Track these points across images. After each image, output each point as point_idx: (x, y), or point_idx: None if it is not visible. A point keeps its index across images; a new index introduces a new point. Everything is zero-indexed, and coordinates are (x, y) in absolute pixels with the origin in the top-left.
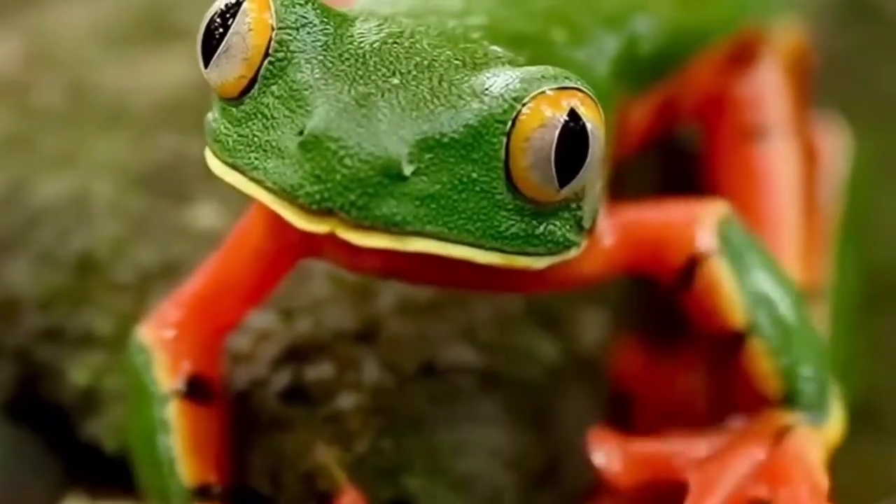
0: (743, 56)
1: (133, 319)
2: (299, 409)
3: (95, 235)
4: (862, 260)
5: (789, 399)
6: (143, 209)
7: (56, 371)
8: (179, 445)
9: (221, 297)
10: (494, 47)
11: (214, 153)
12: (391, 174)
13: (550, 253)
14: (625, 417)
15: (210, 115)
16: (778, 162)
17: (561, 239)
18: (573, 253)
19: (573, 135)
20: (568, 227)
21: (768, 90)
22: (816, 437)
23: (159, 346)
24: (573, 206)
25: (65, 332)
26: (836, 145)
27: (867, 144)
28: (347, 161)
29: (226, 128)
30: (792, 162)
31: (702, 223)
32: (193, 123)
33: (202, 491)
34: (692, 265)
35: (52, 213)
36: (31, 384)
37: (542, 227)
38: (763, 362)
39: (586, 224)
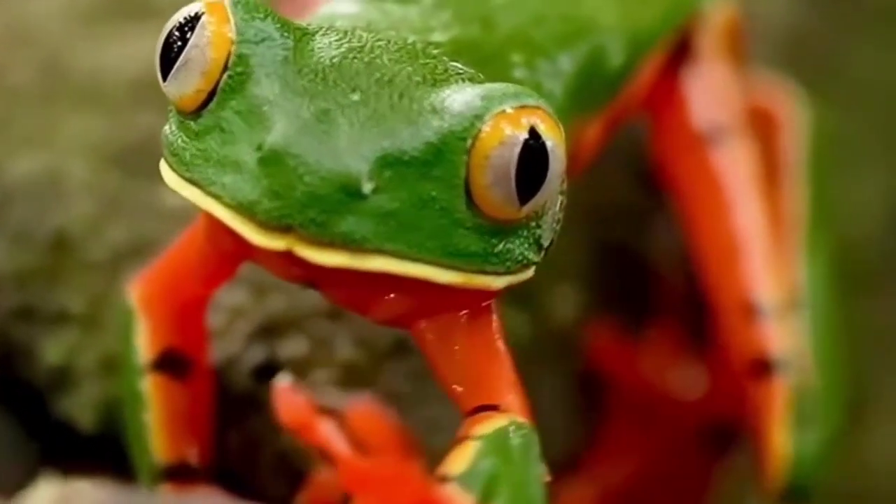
0: (683, 49)
1: (106, 298)
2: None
3: (68, 214)
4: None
5: None
6: (117, 188)
7: (29, 350)
8: (152, 420)
9: (184, 278)
10: (455, 63)
11: (171, 167)
12: (350, 191)
13: (509, 272)
14: (596, 401)
15: (167, 128)
16: (737, 168)
17: (520, 258)
18: (530, 273)
19: (534, 153)
20: (527, 245)
21: (715, 85)
22: None
23: (142, 311)
24: (532, 224)
25: (38, 311)
26: (793, 110)
27: (843, 125)
28: (306, 177)
29: (183, 141)
30: (750, 162)
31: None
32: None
33: (177, 469)
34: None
35: (25, 192)
36: (4, 363)
37: (501, 246)
38: None
39: (545, 242)
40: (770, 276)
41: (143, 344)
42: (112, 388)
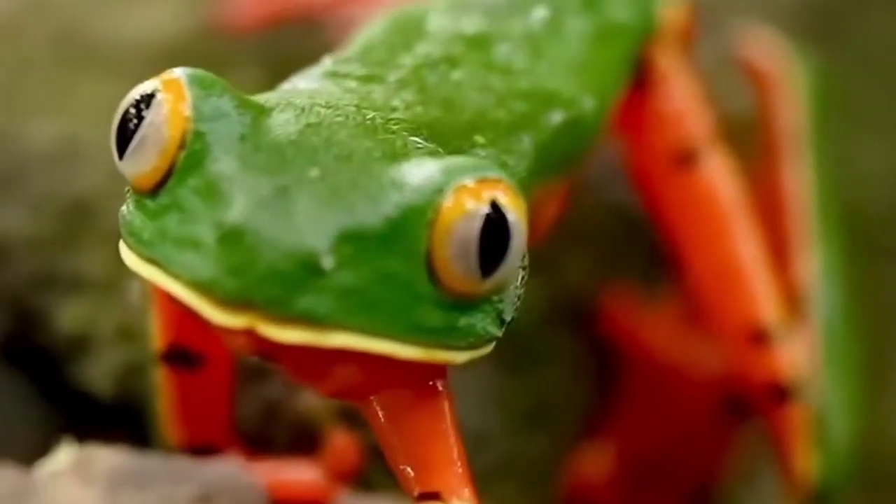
0: (641, 77)
1: (123, 265)
2: None
3: (86, 181)
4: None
5: None
6: None
7: (48, 317)
8: (165, 408)
9: None
10: (415, 138)
11: (129, 246)
12: (310, 267)
13: (471, 347)
14: (613, 367)
15: (124, 208)
16: (719, 186)
17: (482, 332)
18: (490, 347)
19: (495, 226)
20: (489, 319)
21: (681, 104)
22: None
23: (154, 301)
24: (494, 298)
25: (55, 278)
26: (791, 70)
27: (854, 89)
28: (266, 254)
29: (141, 221)
30: (730, 175)
31: None
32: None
33: (192, 451)
34: None
35: (43, 160)
36: (23, 330)
37: (463, 320)
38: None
39: (507, 317)
40: (771, 294)
41: (155, 334)
42: (129, 356)
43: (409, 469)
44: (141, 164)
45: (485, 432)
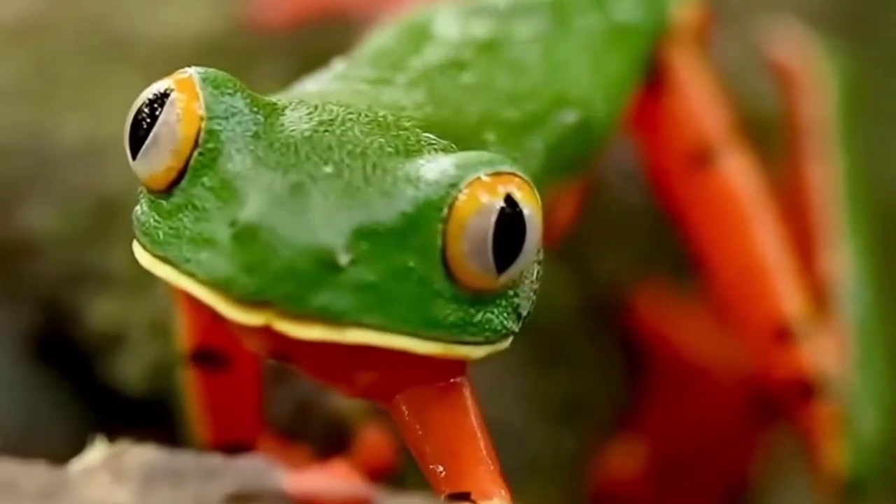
0: (655, 78)
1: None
2: None
3: (115, 178)
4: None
5: None
6: None
7: (79, 314)
8: (194, 408)
9: None
10: (428, 134)
11: (143, 246)
12: (326, 264)
13: (488, 342)
14: (643, 361)
15: (138, 208)
16: (737, 183)
17: (499, 327)
18: (508, 342)
19: (510, 221)
20: (505, 315)
21: (696, 102)
22: None
23: (180, 304)
24: (510, 293)
25: (86, 275)
26: (818, 67)
27: (882, 87)
28: (282, 252)
29: (155, 220)
30: (749, 172)
31: None
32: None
33: (227, 449)
34: None
35: (72, 157)
36: (54, 327)
37: (479, 316)
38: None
39: (523, 312)
40: (795, 291)
41: (181, 335)
42: (160, 352)
43: (439, 468)
44: (155, 163)
45: (514, 429)
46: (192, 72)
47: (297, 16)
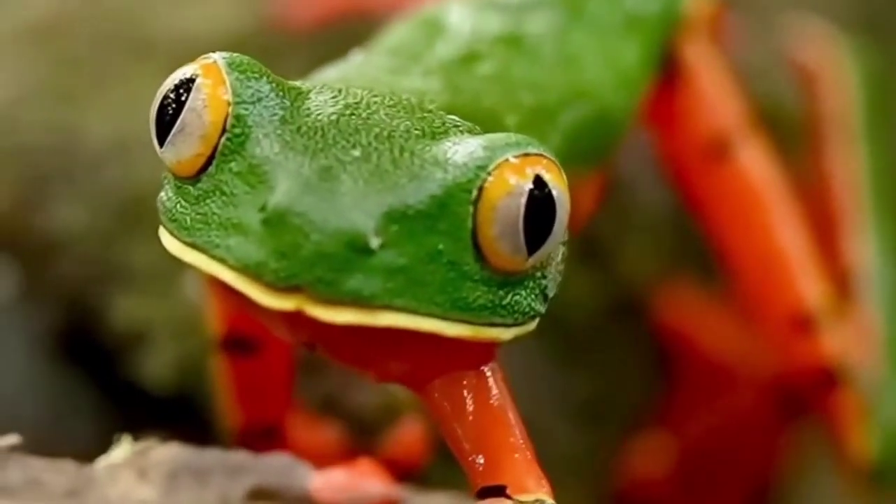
0: (670, 70)
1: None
2: None
3: (141, 176)
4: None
5: None
6: None
7: (104, 312)
8: (225, 394)
9: None
10: (452, 117)
11: (171, 233)
12: (358, 248)
13: (517, 324)
14: (670, 359)
15: (163, 195)
16: (755, 174)
17: (527, 308)
18: (534, 324)
19: (539, 202)
20: (533, 296)
21: (710, 94)
22: None
23: (209, 292)
24: (538, 274)
25: (112, 273)
26: (836, 66)
27: None
28: (313, 236)
29: (182, 206)
30: (766, 162)
31: None
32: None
33: (251, 435)
34: None
35: (99, 155)
36: (80, 325)
37: (509, 298)
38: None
39: (550, 292)
40: (815, 279)
41: (211, 322)
42: (185, 350)
43: (476, 458)
44: (182, 150)
45: (539, 428)
46: (217, 57)
47: (323, 14)
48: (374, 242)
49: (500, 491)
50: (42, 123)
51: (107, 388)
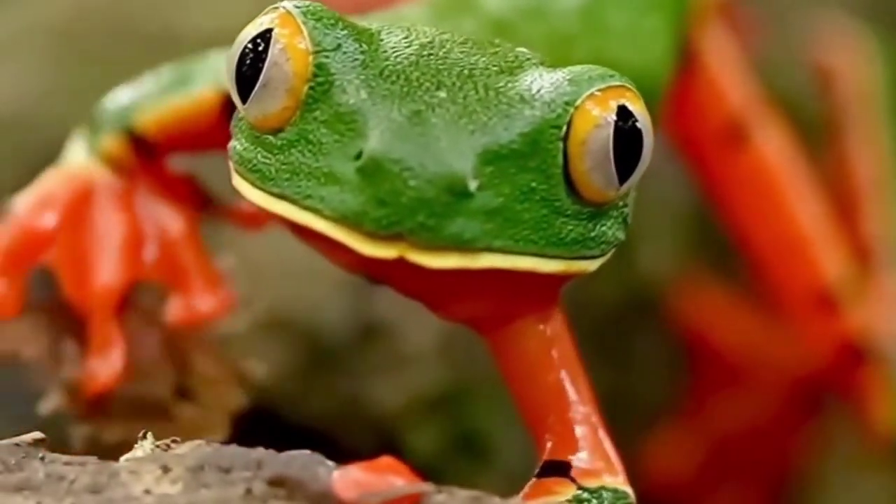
0: (685, 56)
1: None
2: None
3: None
4: None
5: None
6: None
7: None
8: None
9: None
10: (522, 49)
11: (252, 183)
12: (457, 191)
13: (602, 253)
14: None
15: (237, 145)
16: (772, 157)
17: (612, 238)
18: (610, 254)
19: (625, 132)
20: (617, 225)
21: (724, 80)
22: None
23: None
24: (621, 203)
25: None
26: (855, 59)
27: None
28: (412, 182)
29: (265, 157)
30: (782, 145)
31: None
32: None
33: None
34: None
35: None
36: None
37: (596, 229)
38: None
39: (630, 219)
40: (835, 256)
41: None
42: None
43: (542, 427)
44: (268, 105)
45: None
46: (290, 6)
47: (344, 9)
48: (473, 185)
49: (564, 469)
50: (62, 121)
51: None
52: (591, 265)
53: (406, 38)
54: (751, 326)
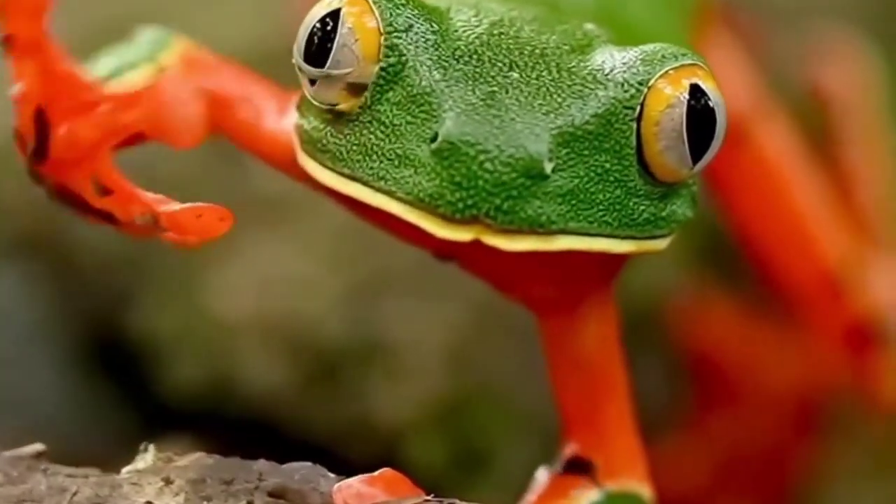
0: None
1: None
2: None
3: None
4: None
5: None
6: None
7: (131, 320)
8: None
9: None
10: (589, 26)
11: (322, 163)
12: (533, 173)
13: (671, 232)
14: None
15: (304, 123)
16: (773, 150)
17: (682, 217)
18: (677, 232)
19: (698, 111)
20: (687, 203)
21: (723, 76)
22: None
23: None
24: (690, 182)
25: (139, 283)
26: (853, 74)
27: None
28: (488, 165)
29: (334, 137)
30: (784, 138)
31: None
32: (266, 73)
33: None
34: None
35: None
36: (107, 333)
37: (668, 209)
38: None
39: (697, 197)
40: (837, 239)
41: None
42: (211, 361)
43: (574, 418)
44: (338, 86)
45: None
46: None
47: None
48: (549, 167)
49: (586, 467)
50: None
51: (133, 396)
52: (661, 244)
53: (476, 15)
54: (755, 341)
